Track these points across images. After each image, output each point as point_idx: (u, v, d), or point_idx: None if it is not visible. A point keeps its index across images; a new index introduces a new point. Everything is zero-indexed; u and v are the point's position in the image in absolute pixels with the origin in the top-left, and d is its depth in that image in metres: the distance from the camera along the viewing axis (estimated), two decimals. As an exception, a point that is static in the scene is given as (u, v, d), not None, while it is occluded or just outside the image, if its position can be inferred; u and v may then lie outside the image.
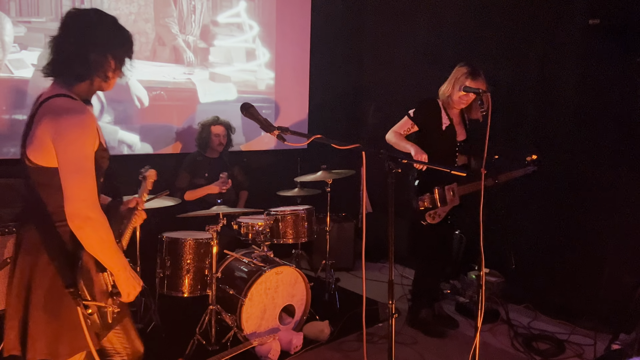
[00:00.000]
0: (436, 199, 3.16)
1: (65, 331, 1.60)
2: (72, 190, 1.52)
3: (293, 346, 3.06)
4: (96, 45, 1.63)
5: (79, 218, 1.52)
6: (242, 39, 4.60)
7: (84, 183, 1.53)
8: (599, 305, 3.42)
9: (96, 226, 1.55)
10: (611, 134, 3.45)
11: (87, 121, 1.56)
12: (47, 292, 1.59)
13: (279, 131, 1.71)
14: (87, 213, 1.53)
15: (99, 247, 1.58)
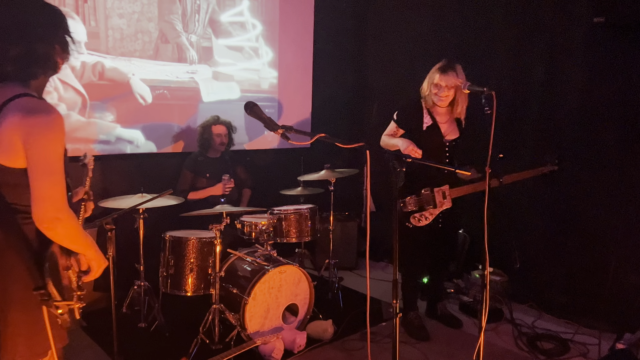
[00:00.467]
0: (423, 201, 3.07)
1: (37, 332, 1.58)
2: (42, 191, 1.48)
3: (296, 345, 3.06)
4: (39, 37, 1.56)
5: (48, 220, 1.49)
6: (246, 38, 4.60)
7: (55, 184, 1.50)
8: (604, 305, 3.40)
9: (67, 226, 1.53)
10: (616, 133, 3.43)
11: (57, 121, 1.52)
12: (15, 294, 1.56)
13: (283, 130, 1.71)
14: (57, 214, 1.50)
15: (69, 244, 1.58)
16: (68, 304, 1.61)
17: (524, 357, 3.06)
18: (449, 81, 2.98)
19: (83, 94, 3.74)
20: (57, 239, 1.55)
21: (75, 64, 3.70)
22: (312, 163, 4.30)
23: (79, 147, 3.80)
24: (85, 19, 3.72)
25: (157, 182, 3.75)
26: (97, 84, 3.82)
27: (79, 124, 3.75)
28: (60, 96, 3.64)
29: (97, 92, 3.83)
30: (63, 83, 3.65)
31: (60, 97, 3.64)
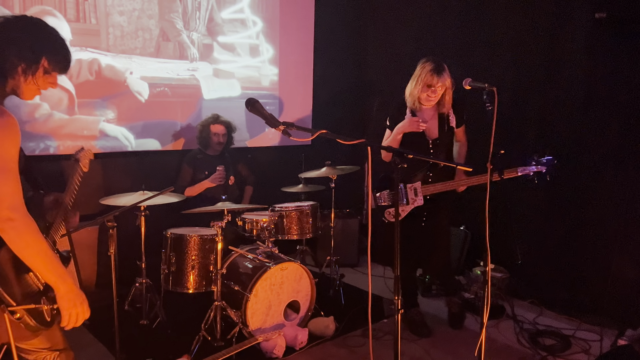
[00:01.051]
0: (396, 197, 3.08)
1: None
2: None
3: (298, 342, 3.06)
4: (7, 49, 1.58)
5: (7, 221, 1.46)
6: (246, 35, 4.59)
7: (7, 184, 1.47)
8: (605, 301, 3.41)
9: (19, 228, 1.48)
10: (618, 129, 3.42)
11: (12, 122, 1.53)
12: None
13: (284, 126, 1.71)
14: (8, 214, 1.46)
15: (26, 252, 1.51)
16: (25, 308, 1.56)
17: (525, 353, 3.06)
18: (444, 82, 3.00)
19: (70, 92, 3.71)
20: (13, 246, 1.49)
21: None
22: (313, 160, 4.30)
23: (79, 145, 3.80)
24: (86, 16, 3.71)
25: (159, 179, 3.75)
26: (96, 81, 3.82)
27: (64, 122, 3.74)
28: (43, 95, 3.60)
29: (96, 89, 3.83)
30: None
31: (43, 97, 3.61)
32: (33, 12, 3.51)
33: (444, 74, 3.00)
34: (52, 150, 3.69)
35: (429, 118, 3.18)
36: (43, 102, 3.60)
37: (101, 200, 3.14)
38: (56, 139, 3.69)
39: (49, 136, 3.66)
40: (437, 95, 3.06)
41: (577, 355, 3.05)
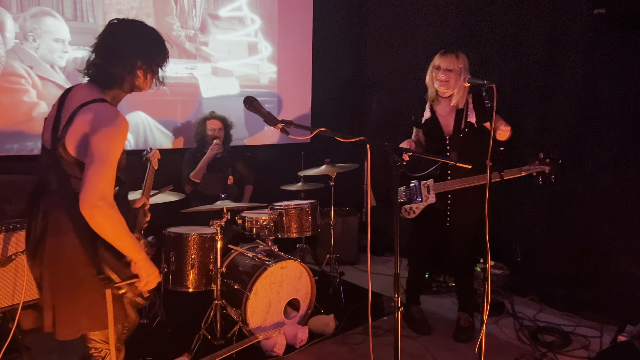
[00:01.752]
0: (410, 194, 3.07)
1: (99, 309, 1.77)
2: (90, 178, 1.63)
3: (298, 340, 3.06)
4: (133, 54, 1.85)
5: (89, 206, 1.62)
6: (244, 33, 4.58)
7: (104, 175, 1.65)
8: (605, 297, 3.40)
9: (106, 216, 1.65)
10: (617, 126, 3.42)
11: (124, 126, 1.74)
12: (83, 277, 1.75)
13: (283, 124, 1.70)
14: (97, 202, 1.62)
15: (112, 234, 1.68)
16: (128, 282, 1.78)
17: (525, 349, 3.06)
18: (447, 63, 2.93)
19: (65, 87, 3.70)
20: (98, 228, 1.66)
21: (61, 63, 3.68)
22: (313, 158, 4.29)
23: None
24: (84, 15, 3.71)
25: (158, 178, 3.73)
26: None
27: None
28: (39, 93, 3.59)
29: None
30: (42, 79, 3.60)
31: (39, 95, 3.59)
32: (32, 12, 3.50)
33: (449, 55, 2.93)
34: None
35: (447, 113, 3.10)
36: (41, 101, 3.59)
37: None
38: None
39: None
40: (448, 80, 2.95)
41: (577, 351, 3.05)
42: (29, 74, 3.53)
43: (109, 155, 1.68)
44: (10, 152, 3.53)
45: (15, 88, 3.48)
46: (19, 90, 3.50)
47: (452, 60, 2.94)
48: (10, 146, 3.53)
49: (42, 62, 3.57)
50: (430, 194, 3.04)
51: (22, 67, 3.50)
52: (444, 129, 3.11)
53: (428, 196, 3.05)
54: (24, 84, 3.51)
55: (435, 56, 3.05)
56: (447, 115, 3.11)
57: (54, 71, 3.63)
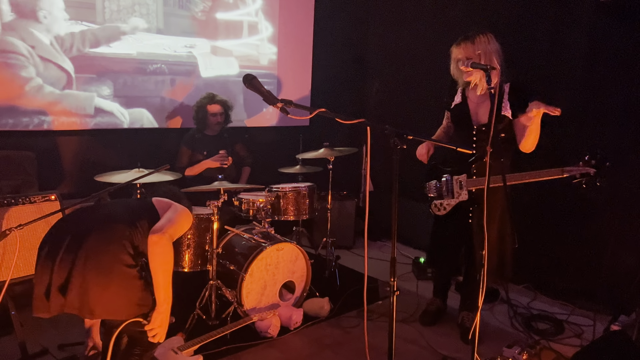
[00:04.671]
0: (441, 189, 2.91)
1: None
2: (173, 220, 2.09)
3: (293, 322, 3.07)
4: None
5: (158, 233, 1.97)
6: (245, 12, 4.51)
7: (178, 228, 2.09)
8: (600, 287, 3.41)
9: (166, 247, 1.97)
10: (618, 115, 3.40)
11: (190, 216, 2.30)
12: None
13: (282, 104, 1.67)
14: (164, 236, 1.96)
15: (156, 265, 1.96)
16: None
17: (519, 337, 3.07)
18: (463, 53, 2.66)
19: (66, 69, 3.65)
20: (154, 254, 1.95)
21: (62, 36, 3.62)
22: (311, 141, 4.27)
23: (74, 121, 3.76)
24: (81, -11, 3.63)
25: (155, 157, 3.71)
26: (90, 57, 3.75)
27: (57, 97, 3.69)
28: (38, 72, 3.54)
29: (90, 65, 3.77)
30: (43, 60, 3.55)
31: (38, 73, 3.54)
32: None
33: (462, 43, 2.66)
34: (46, 126, 3.65)
35: (479, 100, 2.82)
36: (37, 77, 3.54)
37: (96, 177, 3.10)
38: (50, 114, 3.64)
39: (43, 111, 3.61)
40: (465, 67, 2.61)
41: (570, 339, 3.07)
42: (28, 51, 3.47)
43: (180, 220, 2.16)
44: (5, 127, 3.49)
45: (10, 63, 3.42)
46: (15, 65, 3.44)
47: (466, 49, 2.65)
48: (5, 121, 3.49)
49: (45, 37, 3.50)
50: (463, 191, 2.83)
51: (22, 44, 3.44)
52: (473, 118, 2.83)
53: (460, 192, 2.83)
54: (21, 60, 3.45)
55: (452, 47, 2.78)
56: (479, 103, 2.82)
57: (54, 50, 3.57)
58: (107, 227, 1.98)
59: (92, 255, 1.88)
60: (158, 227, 1.99)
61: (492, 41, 2.70)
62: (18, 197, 2.63)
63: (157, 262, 1.95)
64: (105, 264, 1.89)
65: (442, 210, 2.95)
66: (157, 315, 1.97)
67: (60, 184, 3.73)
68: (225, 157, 3.88)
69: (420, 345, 2.97)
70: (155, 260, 1.95)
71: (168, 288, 1.99)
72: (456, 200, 2.88)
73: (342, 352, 2.87)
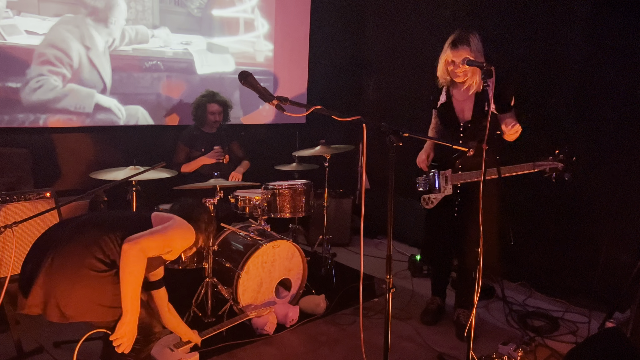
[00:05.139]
0: (429, 183, 2.99)
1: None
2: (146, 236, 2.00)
3: (289, 319, 3.07)
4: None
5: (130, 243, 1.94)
6: (241, 9, 4.50)
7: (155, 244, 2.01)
8: (595, 284, 3.43)
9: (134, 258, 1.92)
10: (614, 114, 3.40)
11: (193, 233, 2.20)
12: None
13: (278, 101, 1.67)
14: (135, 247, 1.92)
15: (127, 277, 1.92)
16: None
17: (514, 333, 3.08)
18: (461, 56, 2.68)
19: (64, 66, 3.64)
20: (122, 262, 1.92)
21: (66, 32, 3.61)
22: (307, 139, 4.26)
23: (70, 118, 3.75)
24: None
25: (151, 154, 3.70)
26: (87, 53, 3.74)
27: (57, 94, 3.68)
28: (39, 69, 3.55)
29: (88, 62, 3.75)
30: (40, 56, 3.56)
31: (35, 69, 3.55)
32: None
33: (459, 46, 2.68)
34: (42, 123, 3.63)
35: (464, 98, 2.87)
36: (34, 75, 3.52)
37: (92, 174, 3.09)
38: (46, 111, 3.63)
39: (39, 108, 3.60)
40: (460, 69, 2.71)
41: (565, 336, 3.08)
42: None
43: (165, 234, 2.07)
44: (1, 124, 3.47)
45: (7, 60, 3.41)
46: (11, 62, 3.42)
47: (464, 52, 2.68)
48: (0, 118, 3.47)
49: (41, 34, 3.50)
50: (448, 185, 2.93)
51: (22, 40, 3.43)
52: (459, 115, 2.91)
53: (446, 187, 2.94)
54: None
55: (445, 46, 2.79)
56: (464, 100, 2.88)
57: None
58: (80, 232, 1.98)
59: (58, 258, 1.89)
60: (132, 237, 1.96)
61: (479, 39, 2.76)
62: (13, 195, 2.62)
63: (124, 272, 1.92)
64: (70, 266, 1.89)
65: (430, 204, 3.03)
66: (121, 325, 1.94)
67: (56, 181, 3.72)
68: (221, 153, 3.87)
69: (416, 343, 2.98)
70: (122, 269, 1.92)
71: (135, 299, 1.95)
72: (442, 194, 2.98)
73: (338, 349, 2.88)
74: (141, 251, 1.93)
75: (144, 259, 1.95)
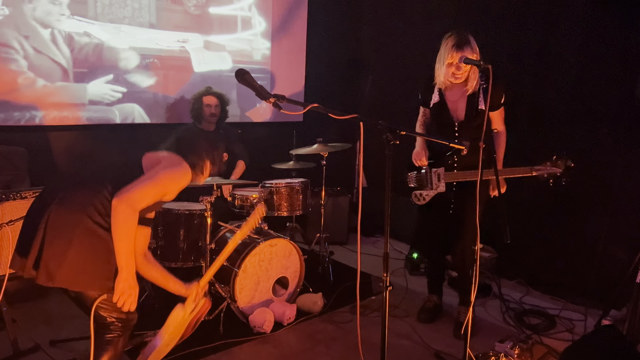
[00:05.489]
0: (422, 180, 3.02)
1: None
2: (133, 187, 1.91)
3: (286, 317, 3.07)
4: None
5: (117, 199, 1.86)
6: (238, 7, 4.49)
7: (146, 195, 1.92)
8: (591, 282, 3.44)
9: (124, 214, 1.87)
10: (610, 108, 3.41)
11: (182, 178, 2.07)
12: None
13: (275, 99, 1.67)
14: (124, 203, 1.86)
15: (118, 232, 1.87)
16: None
17: (511, 331, 3.09)
18: (465, 55, 2.68)
19: (60, 63, 3.61)
20: (113, 219, 1.87)
21: (55, 30, 3.59)
22: (305, 137, 4.25)
23: (66, 115, 3.73)
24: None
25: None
26: (84, 51, 3.72)
27: (50, 91, 3.66)
28: (30, 64, 3.50)
29: (84, 60, 3.73)
30: (37, 52, 3.50)
31: (30, 66, 3.50)
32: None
33: (465, 48, 2.69)
34: (38, 121, 3.62)
35: (457, 98, 2.92)
36: (29, 72, 3.50)
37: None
38: (42, 108, 3.61)
39: (34, 106, 3.58)
40: (462, 71, 2.75)
41: (561, 334, 3.09)
42: (21, 44, 3.44)
43: (161, 188, 1.98)
44: (-4, 122, 3.46)
45: (2, 57, 3.39)
46: (7, 59, 3.41)
47: (469, 52, 2.70)
48: (-4, 116, 3.46)
49: (39, 31, 3.47)
50: (441, 182, 2.95)
51: (14, 37, 3.40)
52: (453, 115, 2.94)
53: (438, 184, 2.96)
54: (12, 53, 3.42)
55: (447, 48, 2.76)
56: (457, 100, 2.93)
57: (52, 44, 3.54)
58: (75, 191, 1.94)
59: (52, 223, 1.87)
60: (121, 191, 1.88)
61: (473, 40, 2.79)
62: (9, 193, 2.61)
63: (115, 227, 1.86)
64: (66, 228, 1.86)
65: (422, 200, 3.05)
66: (119, 283, 1.91)
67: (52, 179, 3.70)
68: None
69: (413, 341, 2.98)
70: (113, 227, 1.87)
71: (129, 255, 1.91)
72: (435, 191, 3.00)
73: (335, 347, 2.88)
74: (130, 207, 1.87)
75: (133, 213, 1.89)
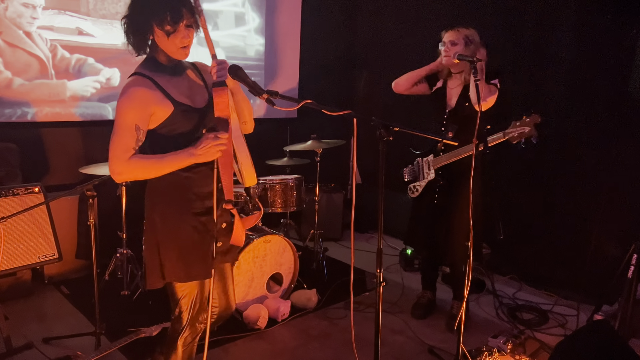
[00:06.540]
0: (414, 171, 3.05)
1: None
2: (109, 148, 1.75)
3: (280, 314, 3.07)
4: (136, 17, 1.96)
5: (113, 174, 1.77)
6: (232, 3, 4.47)
7: (114, 143, 1.75)
8: (583, 277, 3.46)
9: (130, 176, 1.80)
10: (603, 104, 3.43)
11: (128, 95, 1.77)
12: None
13: (268, 95, 1.66)
14: (114, 169, 1.75)
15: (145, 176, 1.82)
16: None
17: (504, 327, 3.11)
18: (450, 36, 2.81)
19: (41, 57, 3.57)
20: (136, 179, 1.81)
21: (30, 28, 3.55)
22: (299, 133, 4.25)
23: (59, 112, 3.71)
24: (64, -23, 3.57)
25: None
26: (74, 48, 3.69)
27: (35, 87, 3.63)
28: (5, 62, 3.42)
29: (77, 58, 3.71)
30: (12, 46, 3.42)
31: (5, 63, 3.42)
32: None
33: (453, 30, 2.80)
34: (30, 117, 3.59)
35: (454, 87, 2.99)
36: (6, 70, 3.43)
37: (81, 169, 3.07)
38: (34, 105, 3.58)
39: (26, 102, 3.55)
40: (449, 50, 2.79)
41: (554, 329, 3.11)
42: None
43: (115, 126, 1.76)
44: (-12, 118, 3.43)
45: (-8, 52, 3.35)
46: (-3, 54, 3.37)
47: (453, 33, 2.82)
48: (-13, 112, 3.42)
49: (12, 27, 3.43)
50: (430, 170, 2.98)
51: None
52: (447, 102, 3.01)
53: (429, 172, 2.99)
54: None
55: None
56: (453, 88, 3.01)
57: (25, 37, 3.48)
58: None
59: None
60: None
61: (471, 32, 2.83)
62: (1, 190, 2.59)
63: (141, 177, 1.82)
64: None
65: (416, 192, 3.08)
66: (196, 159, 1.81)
67: (44, 176, 3.68)
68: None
69: (407, 336, 2.99)
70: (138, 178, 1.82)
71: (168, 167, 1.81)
72: (426, 180, 3.02)
73: (329, 343, 2.89)
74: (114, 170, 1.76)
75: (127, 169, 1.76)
